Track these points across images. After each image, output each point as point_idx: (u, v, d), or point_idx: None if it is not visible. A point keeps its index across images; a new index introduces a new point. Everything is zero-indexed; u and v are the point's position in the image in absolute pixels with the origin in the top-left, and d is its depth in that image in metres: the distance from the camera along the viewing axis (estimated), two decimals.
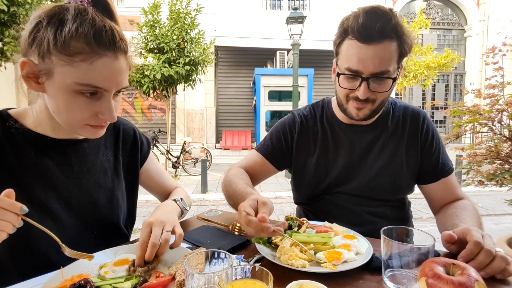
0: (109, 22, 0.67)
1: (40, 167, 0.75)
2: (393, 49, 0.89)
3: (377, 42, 0.87)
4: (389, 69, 0.89)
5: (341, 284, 0.64)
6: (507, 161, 2.15)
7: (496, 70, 2.53)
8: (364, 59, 0.89)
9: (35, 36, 0.64)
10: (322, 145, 1.11)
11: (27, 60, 0.65)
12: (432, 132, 1.07)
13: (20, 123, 0.75)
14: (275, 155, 1.15)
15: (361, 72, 0.90)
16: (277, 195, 5.19)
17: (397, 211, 1.11)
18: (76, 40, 0.62)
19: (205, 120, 10.06)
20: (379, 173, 1.05)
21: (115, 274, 0.65)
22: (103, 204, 0.86)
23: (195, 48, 6.35)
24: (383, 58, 0.88)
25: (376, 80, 0.91)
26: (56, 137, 0.78)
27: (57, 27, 0.62)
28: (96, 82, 0.65)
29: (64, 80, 0.64)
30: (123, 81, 0.71)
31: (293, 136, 1.15)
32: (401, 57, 0.92)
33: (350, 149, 1.08)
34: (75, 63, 0.63)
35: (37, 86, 0.68)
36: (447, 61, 7.29)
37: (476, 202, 4.73)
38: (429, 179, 1.07)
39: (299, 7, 9.23)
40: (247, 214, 0.70)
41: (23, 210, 0.57)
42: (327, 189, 1.10)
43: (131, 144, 0.97)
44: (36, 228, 0.61)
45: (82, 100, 0.67)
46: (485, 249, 0.64)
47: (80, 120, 0.70)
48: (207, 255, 0.59)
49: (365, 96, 0.92)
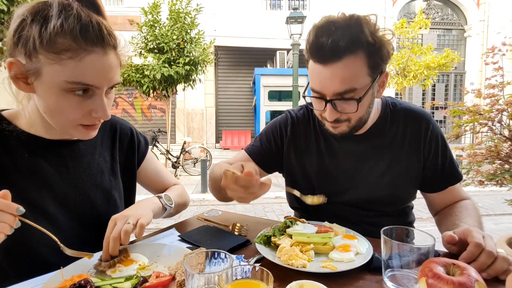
0: (96, 17, 0.64)
1: (35, 168, 0.74)
2: (358, 64, 0.78)
3: (334, 61, 0.77)
4: (355, 87, 0.80)
5: (341, 284, 0.64)
6: (507, 161, 2.15)
7: (496, 70, 2.53)
8: (323, 80, 0.81)
9: (20, 35, 0.61)
10: (315, 151, 1.04)
11: (14, 60, 0.63)
12: (437, 139, 0.97)
13: (14, 124, 0.74)
14: (263, 158, 1.07)
15: (324, 94, 0.83)
16: (277, 195, 5.19)
17: (398, 219, 1.04)
18: (62, 37, 0.60)
19: (205, 120, 10.06)
20: (376, 185, 0.97)
21: (121, 274, 0.65)
22: (100, 204, 0.85)
23: (195, 48, 6.35)
24: (344, 77, 0.79)
25: (342, 100, 0.82)
26: (50, 138, 0.77)
27: (42, 24, 0.60)
28: (87, 79, 0.63)
29: (53, 79, 0.62)
30: (114, 77, 0.68)
31: (283, 138, 1.07)
32: (374, 69, 0.81)
33: (344, 158, 1.00)
34: (63, 61, 0.61)
35: (26, 86, 0.65)
36: (447, 61, 7.28)
37: (476, 202, 4.72)
38: (434, 188, 1.00)
39: (299, 7, 9.23)
40: (233, 173, 0.67)
41: (20, 210, 0.56)
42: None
43: (128, 143, 0.96)
44: (33, 229, 0.61)
45: (73, 99, 0.65)
46: (486, 251, 0.64)
47: (72, 120, 0.68)
48: (207, 255, 0.59)
49: (332, 118, 0.85)
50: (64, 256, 0.65)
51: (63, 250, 0.64)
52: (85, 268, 0.68)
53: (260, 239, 0.79)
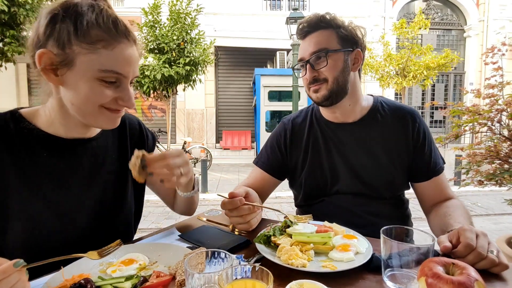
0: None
1: (53, 167, 0.76)
2: (328, 34, 1.01)
3: (310, 32, 1.02)
4: (326, 47, 1.00)
5: (341, 284, 0.64)
6: (506, 161, 2.15)
7: (495, 70, 2.53)
8: (303, 48, 1.04)
9: (52, 28, 0.65)
10: (314, 146, 1.13)
11: (46, 50, 0.65)
12: (424, 131, 1.09)
13: (33, 123, 0.75)
14: (273, 166, 1.18)
15: (303, 58, 1.04)
16: (277, 195, 5.18)
17: (395, 209, 1.13)
18: (96, 29, 0.65)
19: (205, 120, 10.06)
20: (372, 170, 1.07)
21: (122, 273, 0.65)
22: (112, 203, 0.86)
23: (195, 48, 6.36)
24: (318, 41, 1.01)
25: (316, 59, 1.01)
26: (68, 137, 0.78)
27: (76, 18, 0.65)
28: (118, 68, 0.68)
29: (87, 68, 0.66)
30: (136, 69, 0.74)
31: (286, 143, 1.18)
32: (344, 41, 1.01)
33: (341, 147, 1.10)
34: (98, 50, 0.66)
35: (55, 78, 0.68)
36: (447, 61, 7.28)
37: (475, 202, 4.72)
38: (421, 177, 1.09)
39: (299, 7, 9.21)
40: (223, 197, 0.78)
41: (18, 264, 0.51)
42: (325, 189, 1.11)
43: (138, 137, 0.97)
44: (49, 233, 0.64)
45: (103, 88, 0.69)
46: (476, 251, 0.65)
47: (100, 105, 0.71)
48: (207, 255, 0.59)
49: (310, 75, 1.03)
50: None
51: (91, 257, 0.63)
52: (85, 268, 0.68)
53: (260, 239, 0.79)
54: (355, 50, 1.04)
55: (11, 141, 0.72)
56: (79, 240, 0.77)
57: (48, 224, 0.74)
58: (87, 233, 0.79)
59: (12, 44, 5.21)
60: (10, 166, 0.71)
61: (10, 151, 0.71)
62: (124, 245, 0.78)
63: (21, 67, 9.02)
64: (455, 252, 0.68)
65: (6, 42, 5.24)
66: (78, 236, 0.76)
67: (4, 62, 5.70)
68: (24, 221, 0.71)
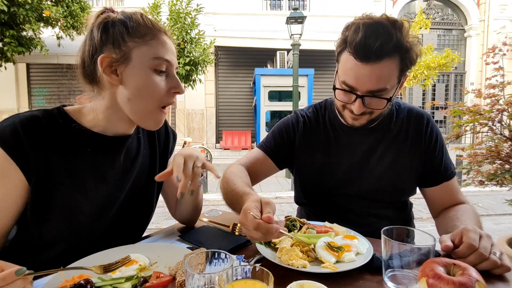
0: None
1: (95, 163, 0.80)
2: (393, 67, 0.86)
3: (375, 61, 0.83)
4: (387, 87, 0.87)
5: (341, 284, 0.64)
6: (507, 161, 2.15)
7: (496, 70, 2.53)
8: (360, 77, 0.86)
9: (107, 35, 0.74)
10: (325, 146, 1.10)
11: (106, 54, 0.73)
12: (436, 135, 1.06)
13: (78, 121, 0.79)
14: (277, 153, 1.14)
15: (356, 89, 0.89)
16: (277, 195, 5.18)
17: (399, 213, 1.12)
18: (142, 26, 0.76)
19: (205, 120, 10.06)
20: (382, 175, 1.04)
21: (122, 274, 0.65)
22: (138, 198, 0.90)
23: (195, 48, 6.37)
24: (381, 77, 0.85)
25: (374, 97, 0.89)
26: (111, 134, 0.82)
27: (124, 21, 0.75)
28: (166, 55, 0.77)
29: (142, 58, 0.74)
30: (176, 60, 0.82)
31: (295, 135, 1.14)
32: (402, 72, 0.90)
33: (353, 150, 1.07)
34: (148, 42, 0.75)
35: (116, 78, 0.75)
36: (447, 61, 7.28)
37: (476, 202, 4.72)
38: (431, 182, 1.06)
39: (299, 7, 9.20)
40: (255, 217, 0.66)
41: (20, 272, 0.50)
42: (331, 190, 1.09)
43: (163, 135, 1.00)
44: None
45: (157, 78, 0.76)
46: (477, 252, 0.65)
47: (157, 100, 0.77)
48: (208, 255, 0.59)
49: (359, 112, 0.92)
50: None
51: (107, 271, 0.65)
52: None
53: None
54: (406, 76, 0.93)
55: (59, 137, 0.75)
56: (105, 232, 0.83)
57: (85, 216, 0.78)
58: (113, 226, 0.84)
59: (11, 44, 5.22)
60: (57, 161, 0.74)
61: (58, 147, 0.75)
62: (124, 246, 0.78)
63: (21, 67, 9.01)
64: (457, 252, 0.67)
65: (5, 42, 5.25)
66: (106, 228, 0.82)
67: (4, 62, 5.70)
68: (65, 212, 0.75)
